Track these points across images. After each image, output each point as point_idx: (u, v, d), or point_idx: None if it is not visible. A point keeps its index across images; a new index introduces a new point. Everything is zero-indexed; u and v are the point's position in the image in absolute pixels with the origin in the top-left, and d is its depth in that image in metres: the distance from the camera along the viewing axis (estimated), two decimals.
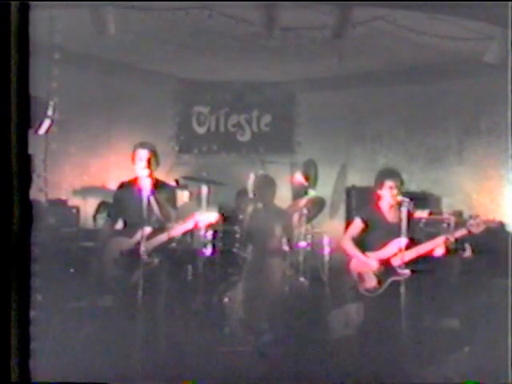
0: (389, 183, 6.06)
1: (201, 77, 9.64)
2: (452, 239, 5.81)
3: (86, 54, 7.99)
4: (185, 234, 6.14)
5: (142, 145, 5.79)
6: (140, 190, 5.60)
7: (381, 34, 7.16)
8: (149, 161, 5.72)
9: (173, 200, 5.86)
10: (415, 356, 5.52)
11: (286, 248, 6.96)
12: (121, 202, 5.90)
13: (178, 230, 5.70)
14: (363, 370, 5.23)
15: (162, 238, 5.63)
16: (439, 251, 5.85)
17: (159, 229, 5.64)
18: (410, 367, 5.42)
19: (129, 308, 5.49)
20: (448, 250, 5.86)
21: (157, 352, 5.59)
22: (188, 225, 5.70)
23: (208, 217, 5.78)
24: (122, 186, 5.99)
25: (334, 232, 7.38)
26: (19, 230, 2.47)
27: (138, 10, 6.39)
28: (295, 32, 7.09)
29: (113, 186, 6.23)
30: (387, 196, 6.06)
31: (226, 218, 6.59)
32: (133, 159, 5.79)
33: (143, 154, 5.72)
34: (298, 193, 7.45)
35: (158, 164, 5.82)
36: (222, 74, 9.24)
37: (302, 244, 6.97)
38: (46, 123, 4.73)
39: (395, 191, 6.01)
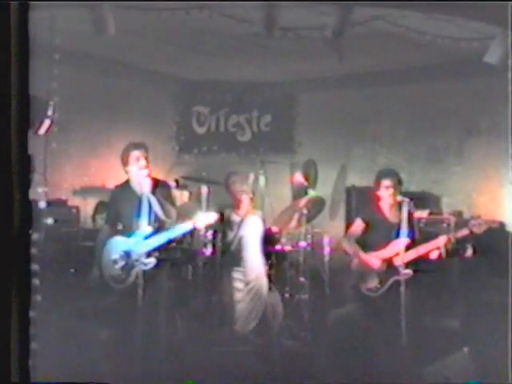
0: (385, 183, 6.06)
1: (201, 77, 9.65)
2: (453, 239, 5.81)
3: (86, 53, 7.99)
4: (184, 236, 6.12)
5: (137, 146, 5.76)
6: (136, 191, 5.62)
7: (381, 34, 7.16)
8: (146, 160, 5.71)
9: (170, 198, 5.86)
10: (415, 356, 5.52)
11: (286, 248, 6.95)
12: (118, 204, 5.88)
13: (176, 231, 5.68)
14: (363, 370, 5.23)
15: (161, 239, 5.62)
16: (440, 251, 5.86)
17: (159, 229, 5.64)
18: (410, 367, 5.41)
19: (128, 308, 5.48)
20: (448, 251, 5.86)
21: (157, 352, 5.58)
22: (186, 226, 5.68)
23: (207, 218, 5.78)
24: (116, 188, 5.98)
25: (334, 232, 7.38)
26: (19, 230, 2.46)
27: (138, 9, 6.39)
28: (295, 32, 7.10)
29: (113, 186, 6.23)
30: (385, 196, 6.06)
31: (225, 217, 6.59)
32: (126, 161, 5.74)
33: (140, 155, 5.71)
34: (298, 193, 7.45)
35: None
36: (222, 74, 9.24)
37: (302, 244, 6.97)
38: (46, 123, 4.72)
39: (391, 190, 6.01)
